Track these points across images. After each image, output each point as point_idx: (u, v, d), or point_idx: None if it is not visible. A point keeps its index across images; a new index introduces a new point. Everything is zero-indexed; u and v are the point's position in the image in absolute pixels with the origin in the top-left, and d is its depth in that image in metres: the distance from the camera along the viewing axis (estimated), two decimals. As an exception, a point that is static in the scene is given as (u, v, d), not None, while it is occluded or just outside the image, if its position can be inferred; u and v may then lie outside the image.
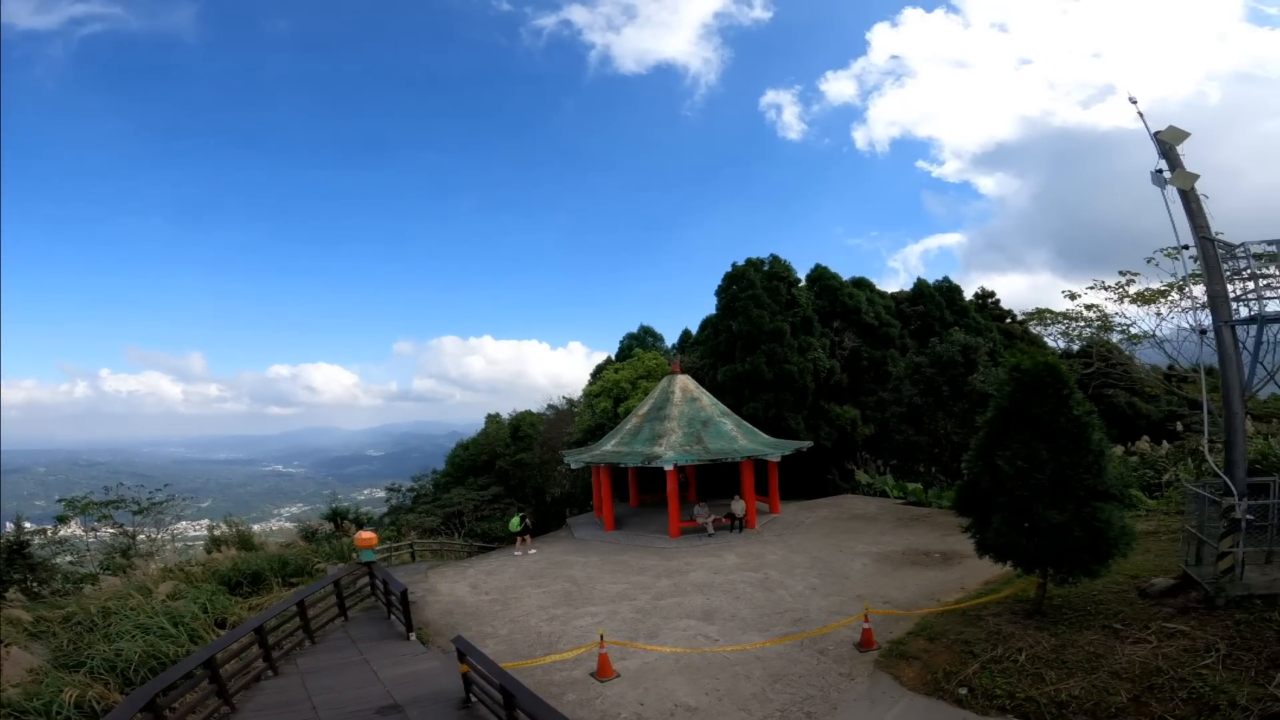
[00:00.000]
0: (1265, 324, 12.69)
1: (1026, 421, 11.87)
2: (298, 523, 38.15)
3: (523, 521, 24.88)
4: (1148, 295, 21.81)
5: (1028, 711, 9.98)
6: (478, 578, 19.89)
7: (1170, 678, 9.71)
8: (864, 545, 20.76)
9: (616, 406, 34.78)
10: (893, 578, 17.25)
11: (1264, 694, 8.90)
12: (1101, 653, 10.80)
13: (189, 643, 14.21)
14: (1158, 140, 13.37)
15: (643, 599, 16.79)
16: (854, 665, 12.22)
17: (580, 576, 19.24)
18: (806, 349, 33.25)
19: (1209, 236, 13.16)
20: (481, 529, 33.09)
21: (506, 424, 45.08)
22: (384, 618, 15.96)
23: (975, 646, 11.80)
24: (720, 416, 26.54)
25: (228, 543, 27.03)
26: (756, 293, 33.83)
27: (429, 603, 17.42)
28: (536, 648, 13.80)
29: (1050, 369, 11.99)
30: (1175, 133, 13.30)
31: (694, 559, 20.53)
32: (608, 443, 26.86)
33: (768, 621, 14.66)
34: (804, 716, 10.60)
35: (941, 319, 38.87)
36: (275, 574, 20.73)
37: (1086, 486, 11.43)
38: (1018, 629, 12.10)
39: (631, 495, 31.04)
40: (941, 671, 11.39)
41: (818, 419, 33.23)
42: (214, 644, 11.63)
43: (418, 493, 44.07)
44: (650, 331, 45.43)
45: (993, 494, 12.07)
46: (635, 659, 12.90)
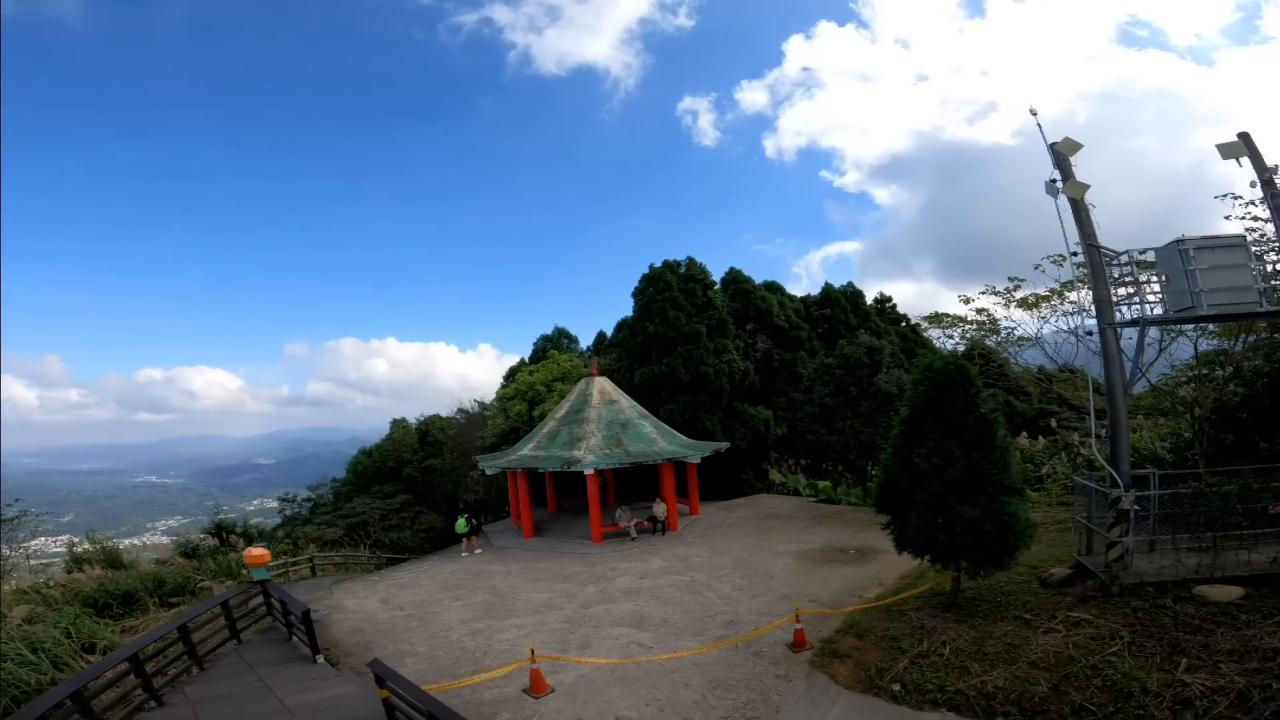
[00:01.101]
0: (1147, 326, 13.87)
1: (939, 420, 12.30)
2: (176, 537, 34.72)
3: (469, 522, 24.58)
4: (1031, 300, 23.48)
5: (959, 705, 10.30)
6: (389, 592, 18.68)
7: (1083, 666, 10.23)
8: (784, 544, 21.17)
9: (532, 409, 33.96)
10: (814, 576, 17.64)
11: (1173, 679, 9.46)
12: (1018, 643, 11.32)
13: (53, 670, 12.74)
14: (1053, 151, 14.10)
15: (570, 608, 16.29)
16: (789, 666, 12.29)
17: (502, 587, 18.46)
18: (722, 351, 33.75)
19: (1095, 244, 14.05)
20: (390, 539, 31.35)
21: (414, 429, 43.14)
22: (284, 639, 14.58)
23: (902, 642, 12.12)
24: (639, 419, 26.41)
25: (91, 561, 24.24)
26: (673, 295, 34.01)
27: (336, 621, 16.15)
28: (461, 665, 13.02)
29: (960, 369, 12.47)
30: (1070, 144, 14.09)
31: (619, 564, 20.20)
32: (524, 447, 26.10)
33: (700, 626, 14.56)
34: (746, 722, 10.53)
35: (846, 322, 40.60)
36: (151, 594, 18.84)
37: (995, 482, 11.96)
38: (939, 623, 12.57)
39: (549, 500, 30.35)
40: (874, 668, 11.62)
41: (733, 420, 33.79)
42: (83, 672, 10.19)
43: (315, 503, 41.33)
44: (565, 333, 44.79)
45: (911, 491, 12.46)
46: (569, 672, 12.41)
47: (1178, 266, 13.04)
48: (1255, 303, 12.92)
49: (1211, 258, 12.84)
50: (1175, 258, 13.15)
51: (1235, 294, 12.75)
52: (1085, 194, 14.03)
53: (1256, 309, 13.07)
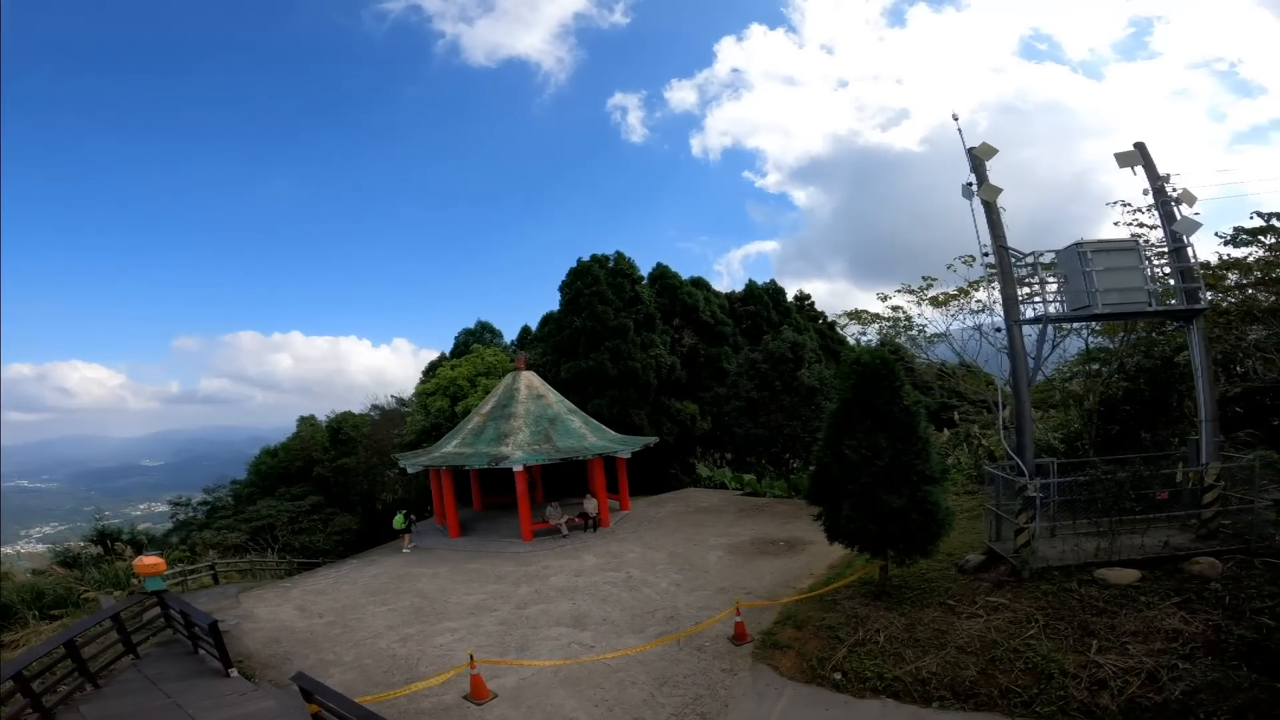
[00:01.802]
0: (1048, 324, 14.89)
1: (867, 412, 12.68)
2: (53, 545, 31.37)
3: (407, 518, 24.27)
4: (941, 299, 24.90)
5: (897, 690, 10.70)
6: (305, 598, 17.57)
7: (1005, 649, 10.76)
8: (715, 538, 21.48)
9: (454, 405, 32.91)
10: (748, 568, 17.98)
11: (1087, 661, 10.10)
12: (944, 629, 11.84)
13: None
14: (971, 155, 14.69)
15: (504, 609, 15.86)
16: (733, 660, 12.44)
17: (430, 589, 17.74)
18: (649, 345, 33.89)
19: (1004, 246, 14.78)
20: (300, 543, 29.55)
21: (324, 426, 40.85)
22: (189, 653, 13.36)
23: (839, 631, 12.49)
24: (568, 414, 26.08)
25: (-41, 573, 21.64)
26: (601, 289, 33.85)
27: (247, 631, 15.02)
28: (394, 673, 12.40)
29: (885, 363, 12.89)
30: (986, 149, 14.68)
31: (552, 562, 19.88)
32: (448, 444, 25.22)
33: (640, 623, 14.51)
34: (698, 718, 10.55)
35: (769, 319, 41.70)
36: (29, 606, 17.14)
37: (918, 471, 12.44)
38: (871, 611, 13.04)
39: (475, 498, 29.47)
40: (815, 658, 11.93)
41: (660, 415, 34.01)
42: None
43: (213, 506, 38.37)
44: (489, 328, 43.64)
45: (842, 482, 12.79)
46: (511, 675, 12.06)
47: (1076, 268, 13.93)
48: (1144, 302, 14.00)
49: (1106, 260, 13.81)
50: (1074, 259, 14.06)
51: (1127, 294, 13.77)
52: (998, 197, 14.86)
53: (1145, 308, 14.20)
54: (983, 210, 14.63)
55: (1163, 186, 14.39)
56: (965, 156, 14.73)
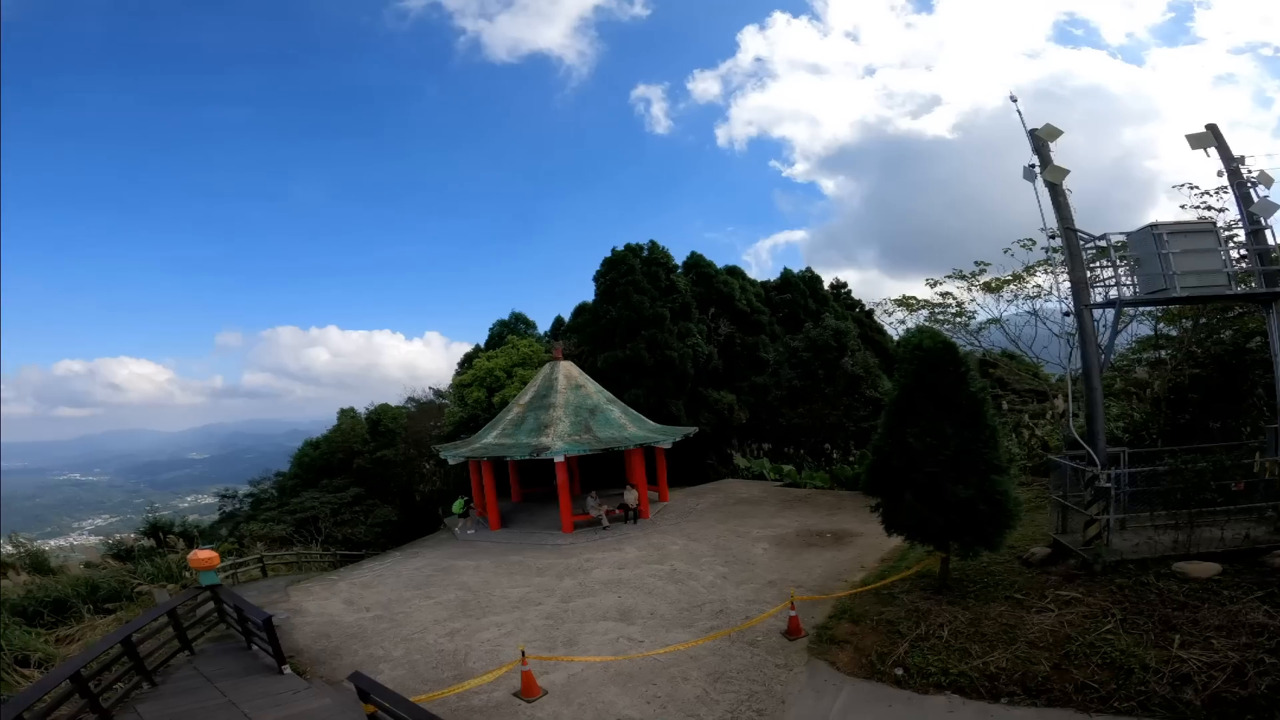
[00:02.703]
0: (1122, 307, 14.17)
1: (930, 399, 12.19)
2: (104, 536, 32.19)
3: (466, 504, 24.91)
4: (994, 284, 24.01)
5: (963, 686, 10.27)
6: (352, 591, 17.62)
7: (1081, 644, 10.29)
8: (759, 529, 21.04)
9: (491, 396, 32.91)
10: (795, 561, 17.52)
11: (1170, 655, 9.62)
12: (1013, 624, 11.37)
13: None
14: (1033, 136, 14.22)
15: (549, 603, 15.65)
16: (788, 655, 12.05)
17: (474, 582, 17.64)
18: (686, 335, 33.39)
19: (1072, 228, 14.37)
20: (343, 535, 29.88)
21: (364, 419, 41.29)
22: (243, 649, 13.42)
23: (900, 626, 12.03)
24: (607, 404, 25.80)
25: (16, 566, 22.30)
26: (636, 278, 33.43)
27: (297, 626, 15.05)
28: (443, 669, 12.27)
29: (949, 348, 12.43)
30: (1050, 130, 14.29)
31: (594, 554, 19.66)
32: (488, 435, 25.13)
33: (689, 617, 14.18)
34: (755, 715, 10.19)
35: (806, 307, 40.84)
36: (84, 600, 17.41)
37: (986, 461, 11.97)
38: (932, 605, 12.54)
39: (513, 489, 29.46)
40: (874, 654, 11.49)
41: (697, 405, 33.54)
42: (22, 695, 8.97)
43: (258, 498, 39.08)
44: (522, 318, 43.57)
45: (904, 471, 12.34)
46: (559, 671, 11.83)
47: (1151, 250, 13.43)
48: (1224, 285, 13.40)
49: (1183, 242, 13.30)
50: (1148, 241, 13.52)
51: (1206, 277, 13.22)
52: (1064, 179, 14.23)
53: (1224, 291, 13.55)
54: (1048, 192, 14.07)
55: (1238, 168, 13.70)
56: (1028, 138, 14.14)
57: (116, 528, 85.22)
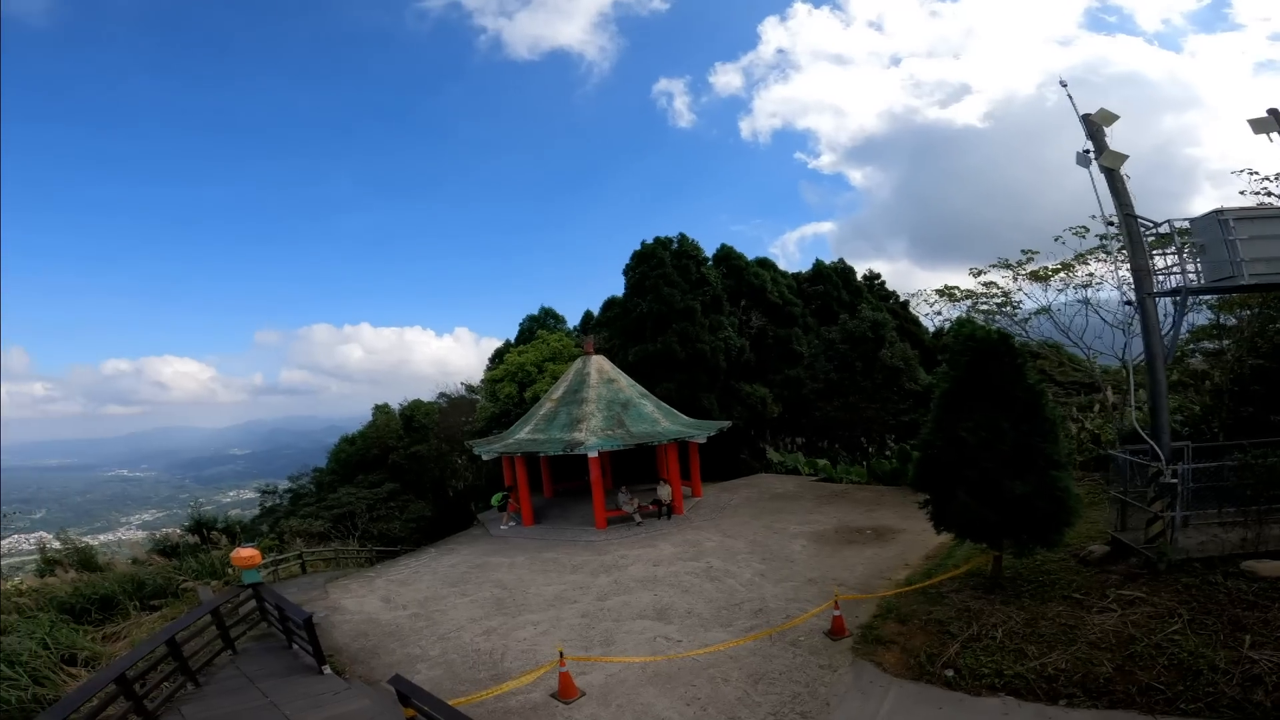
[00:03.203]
0: (1188, 296, 13.43)
1: (984, 391, 11.76)
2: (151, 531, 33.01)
3: (505, 497, 24.88)
4: (1042, 273, 23.09)
5: (1018, 688, 9.84)
6: (389, 589, 17.66)
7: (1146, 645, 9.84)
8: (796, 525, 20.61)
9: (522, 391, 32.90)
10: (836, 558, 17.07)
11: (1240, 656, 9.12)
12: (1073, 624, 10.89)
13: (33, 685, 11.60)
14: (1086, 121, 13.71)
15: (585, 601, 15.47)
16: (831, 656, 11.68)
17: (509, 580, 17.56)
18: (718, 328, 32.97)
19: (1133, 214, 13.74)
20: (378, 530, 30.14)
21: (397, 414, 41.67)
22: (284, 647, 13.51)
23: (950, 626, 11.59)
24: (640, 398, 25.54)
25: (65, 563, 22.81)
26: (667, 271, 33.06)
27: (336, 624, 15.11)
28: (480, 669, 12.15)
29: (1004, 338, 12.02)
30: (1105, 115, 13.76)
31: (628, 551, 19.44)
32: (520, 430, 25.06)
33: (727, 616, 13.87)
34: (798, 718, 9.85)
35: (839, 299, 40.11)
36: (130, 597, 17.60)
37: (1045, 456, 11.48)
38: (984, 605, 12.04)
39: (545, 485, 29.38)
40: (923, 654, 11.07)
41: (729, 398, 33.12)
42: (67, 699, 9.02)
43: (296, 493, 39.73)
44: (552, 313, 43.54)
45: (956, 467, 11.87)
46: (597, 672, 11.62)
47: (1217, 236, 12.82)
48: None
49: (1251, 228, 12.71)
50: (1214, 228, 12.90)
51: (1276, 264, 12.54)
52: (1122, 164, 13.64)
53: (1299, 278, 12.78)
54: (1103, 178, 13.52)
55: (1308, 150, 12.89)
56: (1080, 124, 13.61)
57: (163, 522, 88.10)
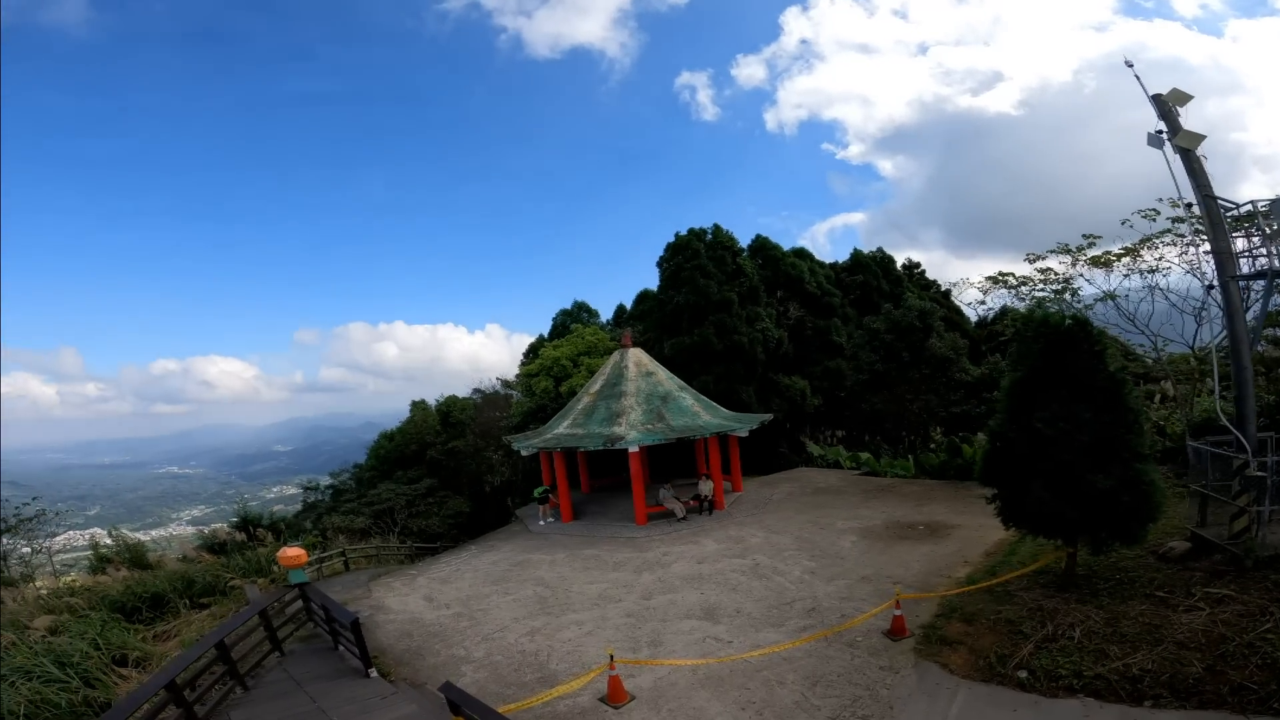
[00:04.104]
0: (1275, 278, 12.50)
1: (1062, 380, 11.04)
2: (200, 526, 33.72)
3: (545, 494, 24.46)
4: (1104, 259, 22.03)
5: (1099, 689, 9.25)
6: (431, 587, 17.48)
7: (1238, 645, 9.21)
8: (843, 521, 19.90)
9: (558, 386, 32.66)
10: (889, 555, 16.37)
11: None
12: (1158, 623, 10.21)
13: (84, 687, 11.59)
14: (1157, 102, 13.17)
15: (629, 600, 15.05)
16: (892, 657, 11.09)
17: (550, 578, 17.24)
18: (755, 319, 32.25)
19: (1212, 195, 13.09)
20: (417, 526, 30.26)
21: (434, 410, 41.87)
22: (330, 649, 13.36)
23: (1022, 626, 10.95)
24: (679, 391, 25.01)
25: (116, 560, 23.27)
26: (702, 263, 32.44)
27: (380, 623, 14.92)
28: (525, 671, 11.82)
29: (1083, 324, 11.30)
30: (1178, 95, 13.23)
31: (671, 548, 18.98)
32: (559, 425, 24.75)
33: (778, 615, 13.31)
34: (862, 725, 9.32)
35: (879, 288, 39.10)
36: (180, 595, 17.79)
37: (1129, 447, 10.73)
38: (1059, 604, 11.33)
39: (582, 480, 29.09)
40: (993, 655, 10.45)
41: (768, 391, 32.41)
42: (115, 709, 8.91)
43: (337, 489, 40.22)
44: (585, 307, 43.27)
45: (1031, 460, 11.15)
46: (646, 674, 11.20)
47: None
48: None
49: None
50: None
51: None
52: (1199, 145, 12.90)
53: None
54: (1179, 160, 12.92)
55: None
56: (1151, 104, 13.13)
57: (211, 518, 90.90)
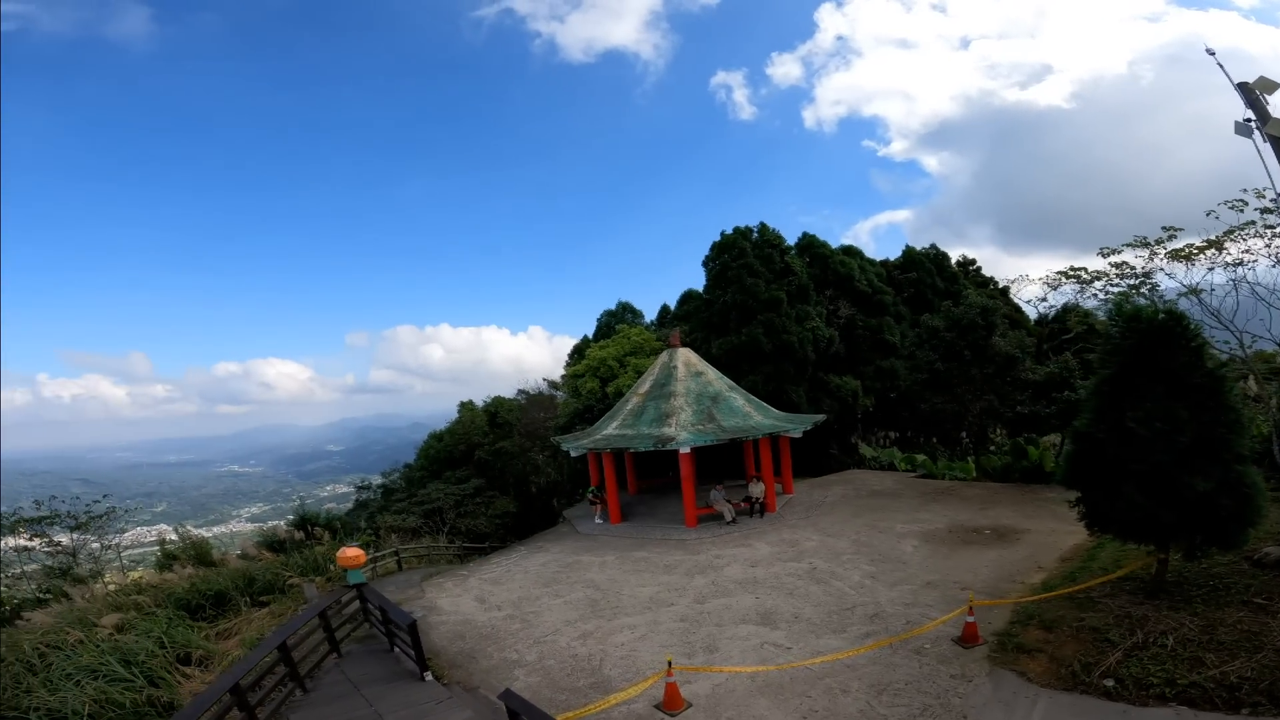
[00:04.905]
0: None
1: (1156, 377, 10.28)
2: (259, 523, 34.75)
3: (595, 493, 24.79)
4: (1186, 252, 20.70)
5: (1194, 698, 8.60)
6: (483, 588, 17.43)
7: None
8: (902, 525, 19.16)
9: (605, 386, 32.50)
10: (954, 560, 15.63)
11: None
12: (1257, 630, 9.49)
13: (148, 686, 11.79)
14: (1244, 90, 12.62)
15: (682, 603, 14.68)
16: (963, 664, 10.50)
17: (601, 580, 17.01)
18: (805, 318, 31.49)
19: None
20: (465, 526, 30.49)
21: (482, 411, 42.28)
22: (385, 650, 13.35)
23: (1109, 633, 10.27)
24: (729, 391, 24.54)
25: (182, 558, 24.06)
26: (749, 261, 31.84)
27: (433, 624, 14.87)
28: (578, 676, 11.58)
29: (1178, 318, 10.52)
30: (1266, 83, 12.59)
31: (722, 550, 18.54)
32: (608, 425, 24.54)
33: (839, 621, 12.79)
34: (935, 738, 8.78)
35: (934, 286, 37.86)
36: (242, 593, 18.17)
37: (1230, 449, 9.92)
38: (1149, 611, 10.57)
39: (629, 482, 28.86)
40: (1077, 663, 9.81)
41: (818, 391, 31.61)
42: (182, 714, 8.95)
43: (388, 489, 40.93)
44: (629, 308, 43.08)
45: (1123, 461, 10.41)
46: (702, 681, 10.84)
47: None
48: None
49: None
50: None
51: None
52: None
53: None
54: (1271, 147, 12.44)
55: None
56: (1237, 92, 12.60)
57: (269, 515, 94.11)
